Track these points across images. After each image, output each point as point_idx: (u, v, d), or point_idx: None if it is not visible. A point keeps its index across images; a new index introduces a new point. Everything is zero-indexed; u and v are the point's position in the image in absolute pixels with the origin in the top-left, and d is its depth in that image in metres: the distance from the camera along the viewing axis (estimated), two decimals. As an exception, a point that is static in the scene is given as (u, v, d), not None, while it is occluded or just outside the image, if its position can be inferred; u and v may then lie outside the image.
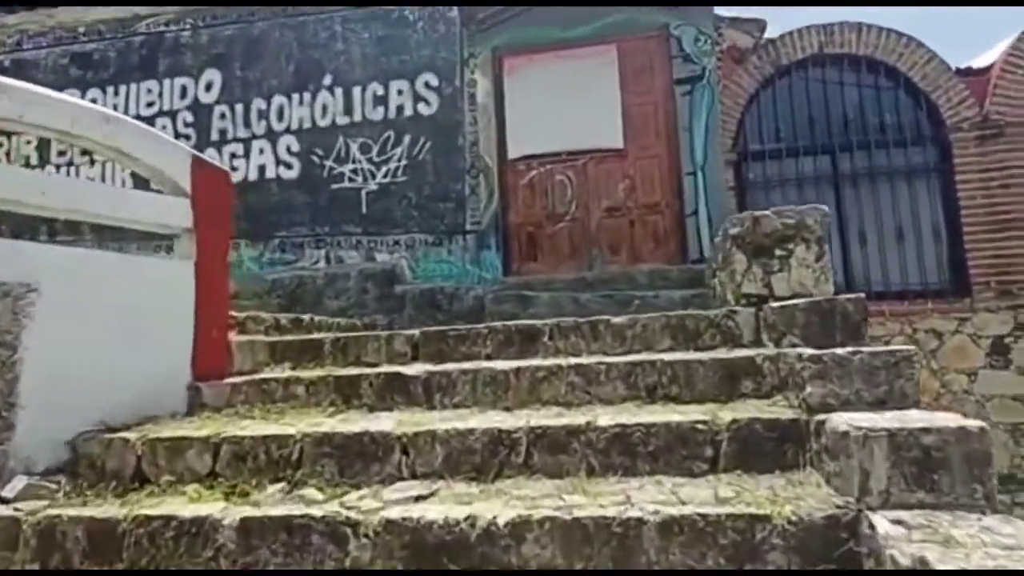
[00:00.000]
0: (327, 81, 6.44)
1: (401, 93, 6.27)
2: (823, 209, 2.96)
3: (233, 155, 6.58)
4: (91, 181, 6.47)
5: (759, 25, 6.20)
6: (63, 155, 6.92)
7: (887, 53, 5.96)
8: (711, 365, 2.49)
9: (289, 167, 6.43)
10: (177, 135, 6.66)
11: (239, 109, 6.63)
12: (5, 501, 2.18)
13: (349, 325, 4.75)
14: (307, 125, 6.43)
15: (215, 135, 6.66)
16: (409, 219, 6.09)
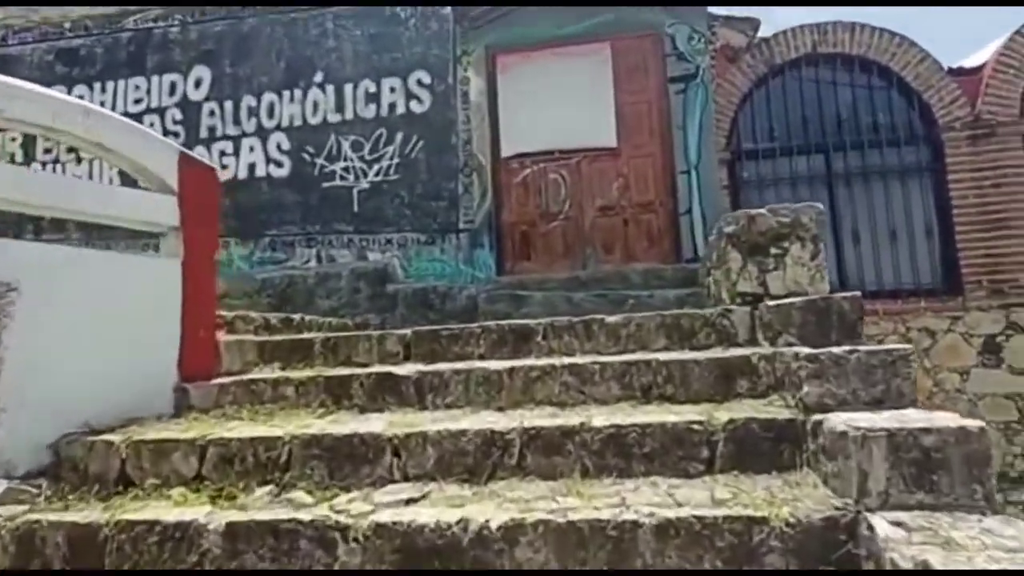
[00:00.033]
0: (318, 78, 6.37)
1: (393, 91, 6.21)
2: (818, 207, 2.93)
3: (223, 153, 6.50)
4: (75, 178, 6.37)
5: (753, 24, 6.19)
6: (49, 152, 6.82)
7: (880, 53, 5.96)
8: (706, 365, 2.46)
9: (280, 165, 6.36)
10: (166, 132, 6.56)
11: (229, 106, 6.55)
12: (-17, 506, 2.13)
13: (340, 325, 4.70)
14: (298, 123, 6.36)
15: (204, 132, 6.58)
16: (401, 218, 6.04)
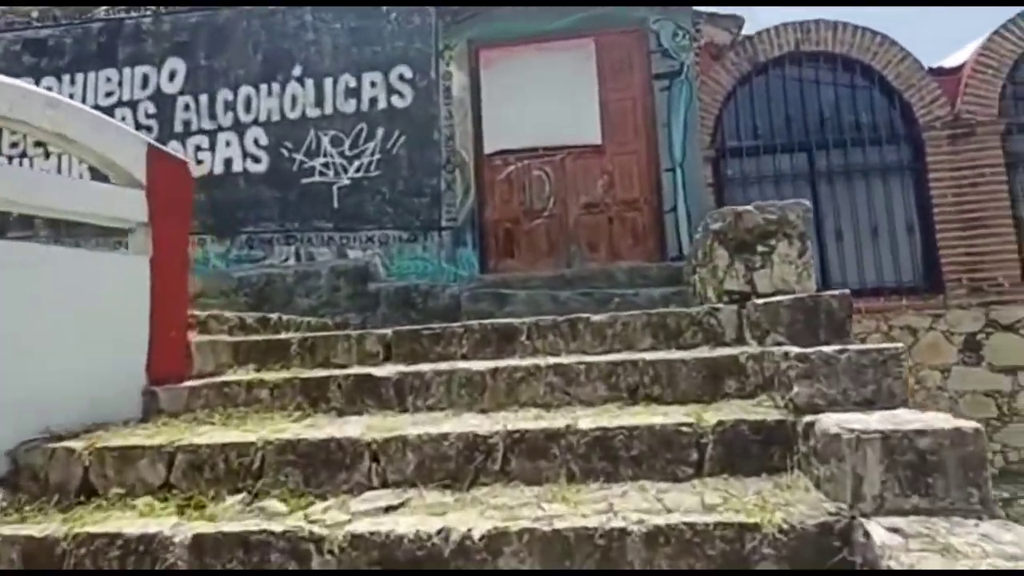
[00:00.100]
0: (297, 72, 6.23)
1: (374, 85, 6.09)
2: (805, 204, 2.90)
3: (198, 147, 6.34)
4: (35, 171, 6.12)
5: (737, 22, 6.18)
6: (16, 147, 6.59)
7: (862, 51, 5.99)
8: (694, 364, 2.41)
9: (257, 160, 6.21)
10: (138, 126, 6.38)
11: (204, 100, 6.38)
12: (-68, 519, 2.00)
13: (320, 324, 4.59)
14: (276, 117, 6.21)
15: (179, 126, 6.41)
16: (383, 215, 5.93)
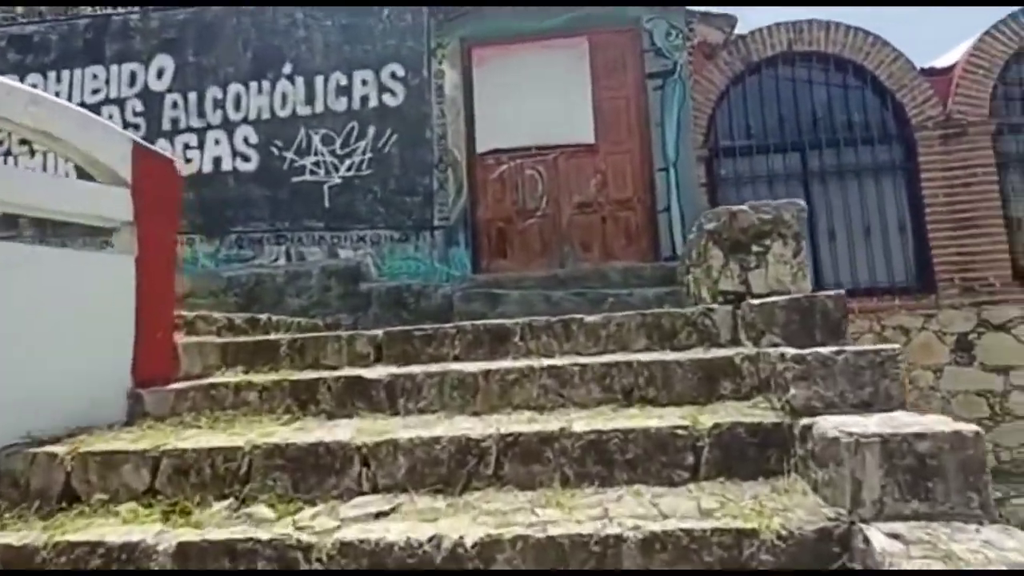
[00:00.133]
0: (287, 69, 6.16)
1: (366, 83, 6.03)
2: (799, 204, 2.88)
3: (187, 146, 6.26)
4: (15, 168, 6.02)
5: (730, 21, 6.16)
6: (0, 144, 6.48)
7: (854, 51, 5.99)
8: (689, 366, 2.38)
9: (247, 159, 6.14)
10: (126, 125, 6.30)
11: (193, 98, 6.30)
12: (-93, 527, 1.94)
13: (310, 325, 4.53)
14: (266, 115, 6.14)
15: (167, 125, 6.32)
16: (374, 214, 5.87)
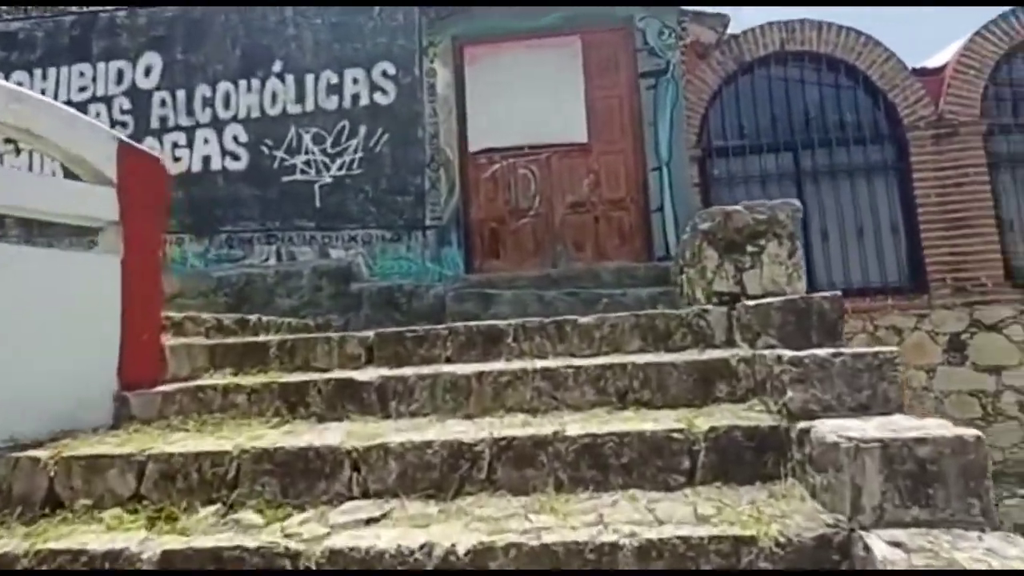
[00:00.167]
0: (277, 67, 6.09)
1: (356, 82, 5.98)
2: (795, 204, 2.86)
3: (175, 144, 6.18)
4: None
5: (722, 20, 6.15)
6: (-16, 142, 6.38)
7: (847, 51, 5.99)
8: (684, 368, 2.35)
9: (236, 158, 6.07)
10: (113, 123, 6.21)
11: (181, 96, 6.22)
12: None
13: (301, 326, 4.48)
14: (256, 114, 6.07)
15: (155, 123, 6.24)
16: (366, 214, 5.82)
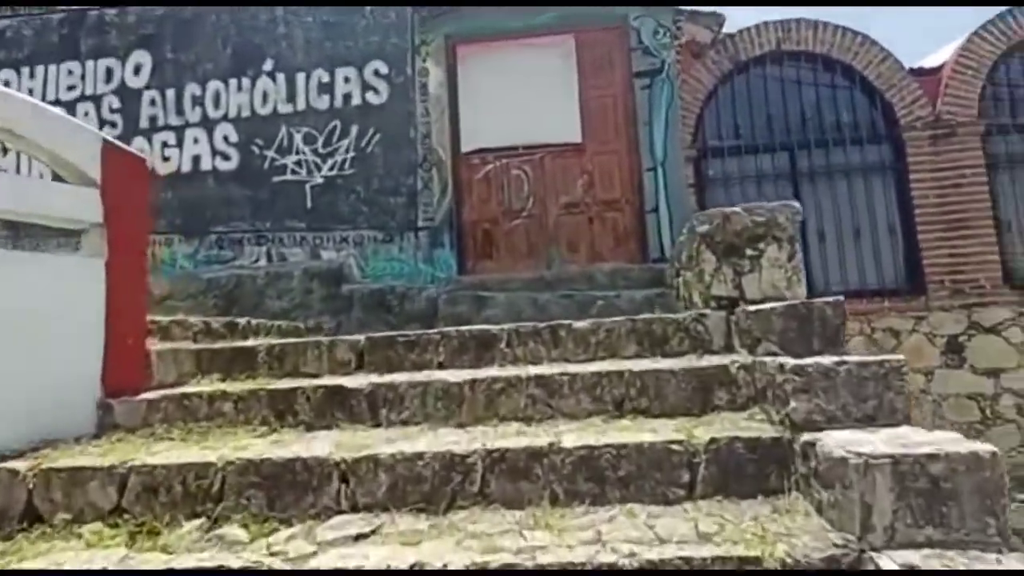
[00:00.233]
0: (268, 66, 6.00)
1: (348, 81, 5.89)
2: (794, 206, 2.81)
3: (165, 144, 6.09)
4: None
5: (718, 20, 6.10)
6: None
7: (843, 51, 5.95)
8: (682, 375, 2.30)
9: (227, 158, 5.98)
10: (102, 122, 6.12)
11: (171, 95, 6.12)
12: None
13: (291, 329, 4.40)
14: (246, 113, 5.98)
15: (145, 122, 6.14)
16: (357, 215, 5.74)
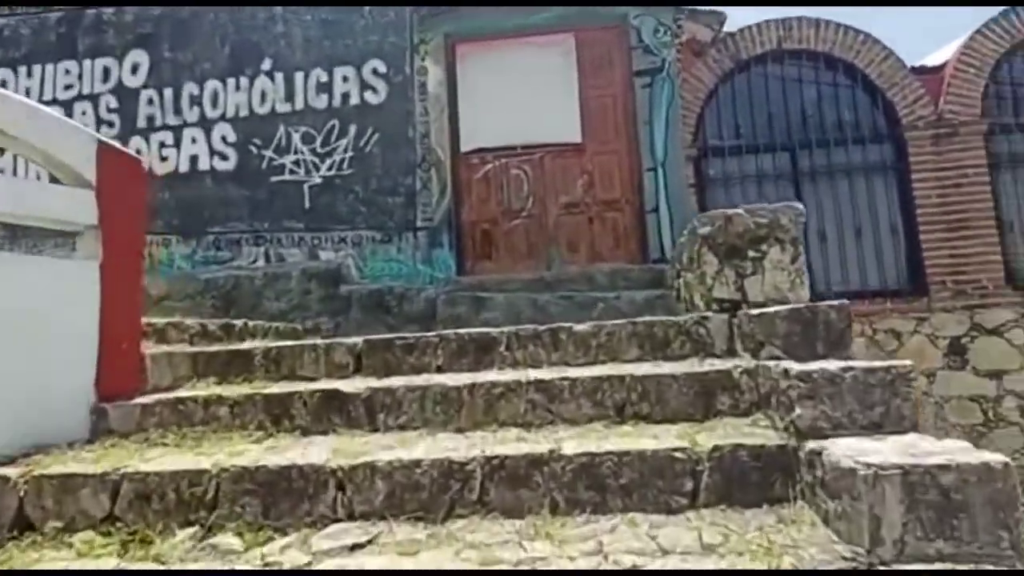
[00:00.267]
0: (266, 66, 5.96)
1: (347, 80, 5.85)
2: (797, 207, 2.77)
3: (163, 144, 6.05)
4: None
5: (719, 18, 6.06)
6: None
7: (844, 50, 5.91)
8: (684, 380, 2.26)
9: (224, 158, 5.94)
10: (99, 121, 6.08)
11: (169, 94, 6.08)
12: None
13: (288, 330, 4.36)
14: (244, 112, 5.94)
15: (142, 122, 6.10)
16: (356, 215, 5.70)
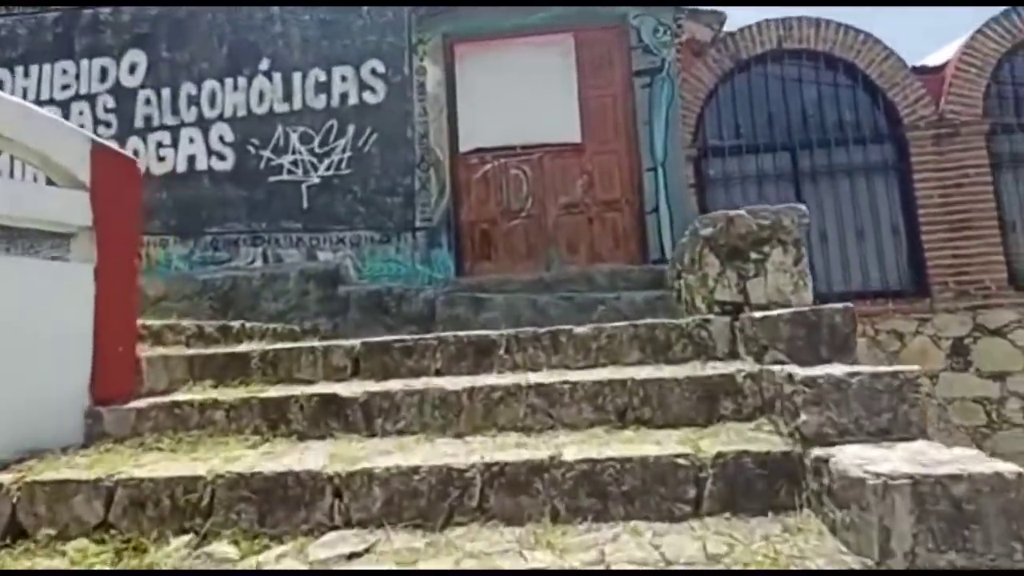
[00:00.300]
0: (264, 65, 5.93)
1: (345, 80, 5.82)
2: (800, 209, 2.74)
3: (160, 144, 6.01)
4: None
5: (718, 18, 6.03)
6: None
7: (845, 49, 5.88)
8: (687, 384, 2.23)
9: (222, 158, 5.90)
10: (97, 121, 6.05)
11: (166, 94, 6.05)
12: None
13: (286, 332, 4.33)
14: (242, 112, 5.90)
15: (140, 122, 6.07)
16: (354, 215, 5.67)
